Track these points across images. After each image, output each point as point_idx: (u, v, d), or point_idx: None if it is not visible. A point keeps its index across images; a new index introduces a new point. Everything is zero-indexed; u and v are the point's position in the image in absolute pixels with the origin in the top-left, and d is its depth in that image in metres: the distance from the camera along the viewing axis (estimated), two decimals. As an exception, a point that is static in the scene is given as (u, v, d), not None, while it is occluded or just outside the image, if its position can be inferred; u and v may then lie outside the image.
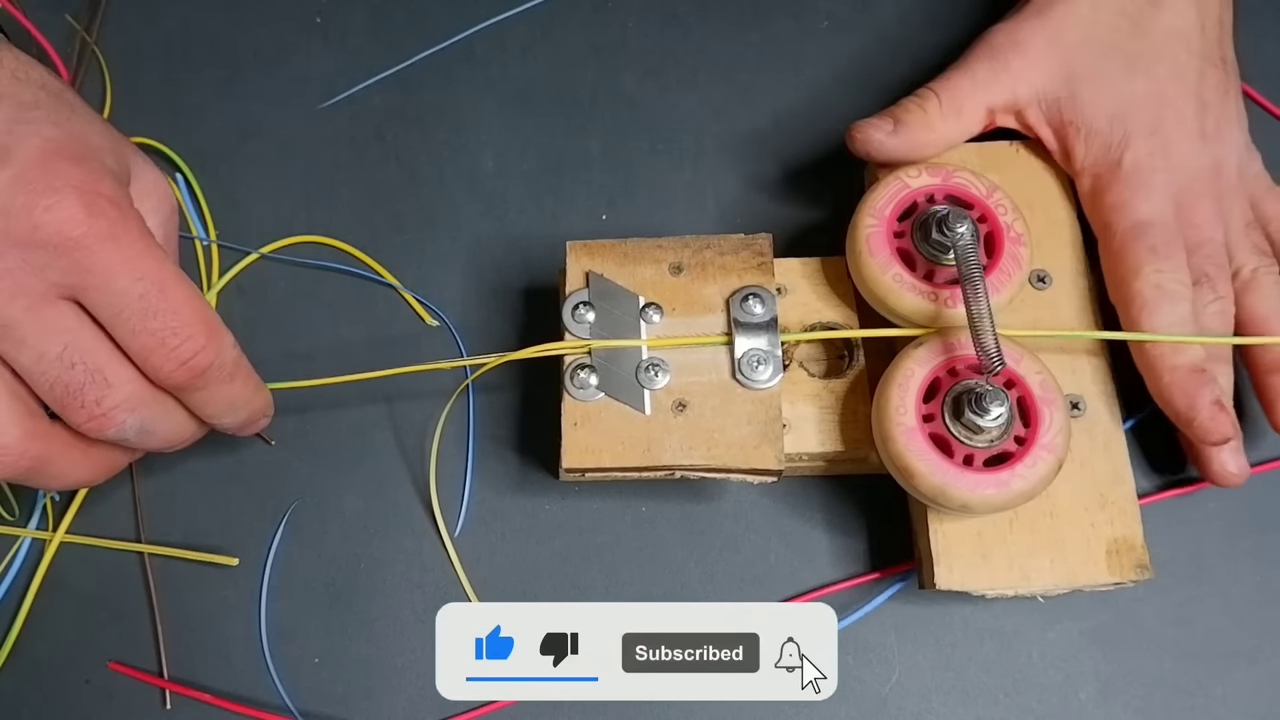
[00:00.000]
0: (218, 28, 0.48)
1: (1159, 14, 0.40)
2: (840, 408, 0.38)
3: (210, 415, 0.35)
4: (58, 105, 0.32)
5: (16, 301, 0.30)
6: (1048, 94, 0.40)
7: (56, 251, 0.29)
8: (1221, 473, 0.38)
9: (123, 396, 0.32)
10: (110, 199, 0.31)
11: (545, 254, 0.44)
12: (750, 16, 0.49)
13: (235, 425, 0.36)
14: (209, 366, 0.32)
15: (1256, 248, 0.41)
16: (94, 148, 0.32)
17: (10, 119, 0.31)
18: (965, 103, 0.40)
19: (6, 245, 0.29)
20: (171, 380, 0.32)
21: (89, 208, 0.30)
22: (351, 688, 0.39)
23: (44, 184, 0.29)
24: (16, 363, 0.30)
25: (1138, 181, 0.39)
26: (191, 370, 0.32)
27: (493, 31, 0.48)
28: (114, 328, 0.31)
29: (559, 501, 0.41)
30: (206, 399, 0.34)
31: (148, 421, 0.33)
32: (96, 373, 0.31)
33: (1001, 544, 0.36)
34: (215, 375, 0.33)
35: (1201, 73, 0.40)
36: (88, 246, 0.30)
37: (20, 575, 0.40)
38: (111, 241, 0.30)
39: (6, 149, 0.30)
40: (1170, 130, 0.39)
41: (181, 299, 0.31)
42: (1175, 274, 0.37)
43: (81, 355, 0.31)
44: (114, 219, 0.30)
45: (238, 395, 0.34)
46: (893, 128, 0.40)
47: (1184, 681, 0.39)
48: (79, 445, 0.33)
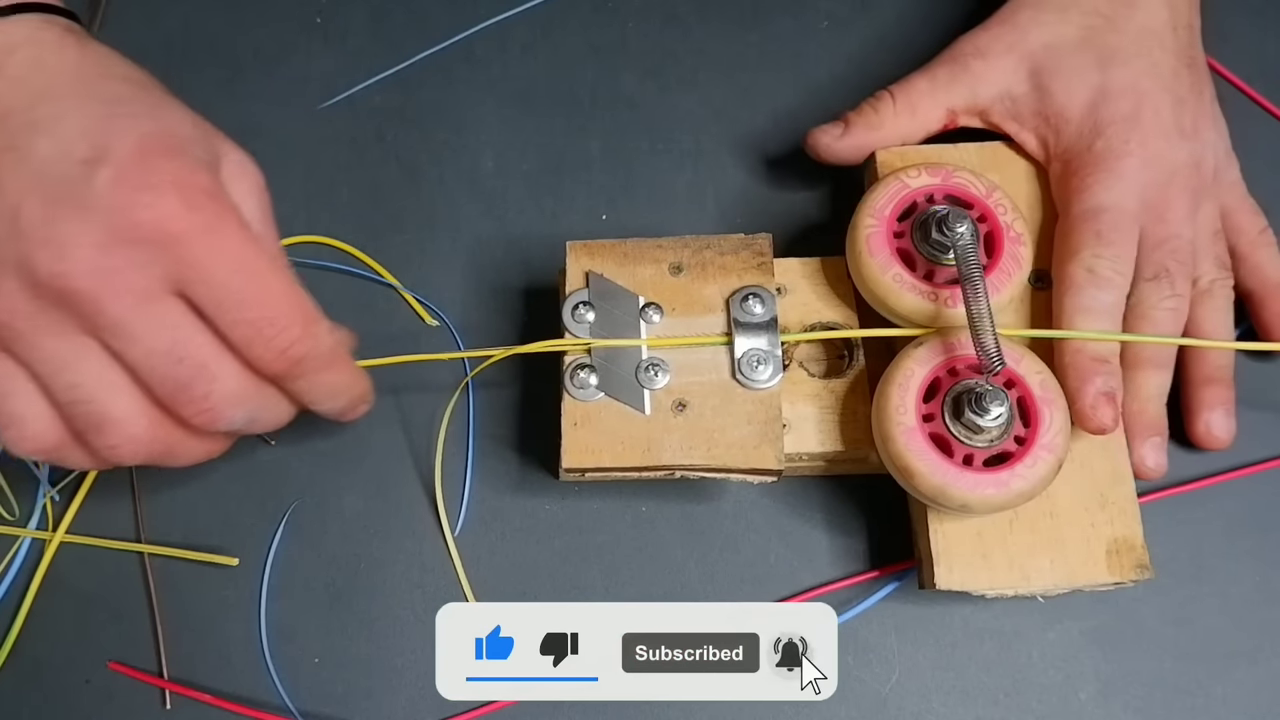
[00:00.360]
0: (218, 28, 0.48)
1: (1133, 14, 0.40)
2: (840, 408, 0.38)
3: (311, 402, 0.35)
4: (146, 98, 0.33)
5: (124, 299, 0.30)
6: (1011, 93, 0.41)
7: (158, 248, 0.30)
8: (1139, 466, 0.38)
9: (228, 390, 0.32)
10: (207, 192, 0.31)
11: (545, 254, 0.44)
12: (750, 16, 0.49)
13: (336, 411, 0.36)
14: (305, 355, 0.33)
15: (1219, 259, 0.41)
16: (185, 139, 0.32)
17: (104, 115, 0.31)
18: (921, 102, 0.41)
19: (112, 243, 0.30)
20: (272, 369, 0.32)
21: (187, 202, 0.30)
22: (351, 688, 0.39)
23: (143, 181, 0.30)
24: (127, 358, 0.31)
25: (1105, 167, 0.38)
26: (289, 359, 0.32)
27: (493, 31, 0.48)
28: (216, 320, 0.31)
29: (559, 501, 0.41)
30: (307, 387, 0.34)
31: (253, 412, 0.33)
32: (203, 368, 0.31)
33: (1001, 544, 0.36)
34: (312, 364, 0.33)
35: (1176, 71, 0.40)
36: (187, 241, 0.30)
37: (20, 575, 0.40)
38: (210, 235, 0.30)
39: (104, 149, 0.30)
40: (1147, 122, 0.39)
41: (278, 289, 0.32)
42: (1114, 262, 0.37)
43: (188, 350, 0.31)
44: (211, 212, 0.31)
45: (337, 382, 0.35)
46: (841, 131, 0.41)
47: (1184, 681, 0.39)
48: (196, 432, 0.33)
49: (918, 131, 0.41)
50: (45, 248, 0.29)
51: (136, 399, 0.32)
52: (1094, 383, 0.36)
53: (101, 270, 0.29)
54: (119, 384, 0.31)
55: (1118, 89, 0.39)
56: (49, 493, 0.41)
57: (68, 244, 0.29)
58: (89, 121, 0.31)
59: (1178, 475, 0.41)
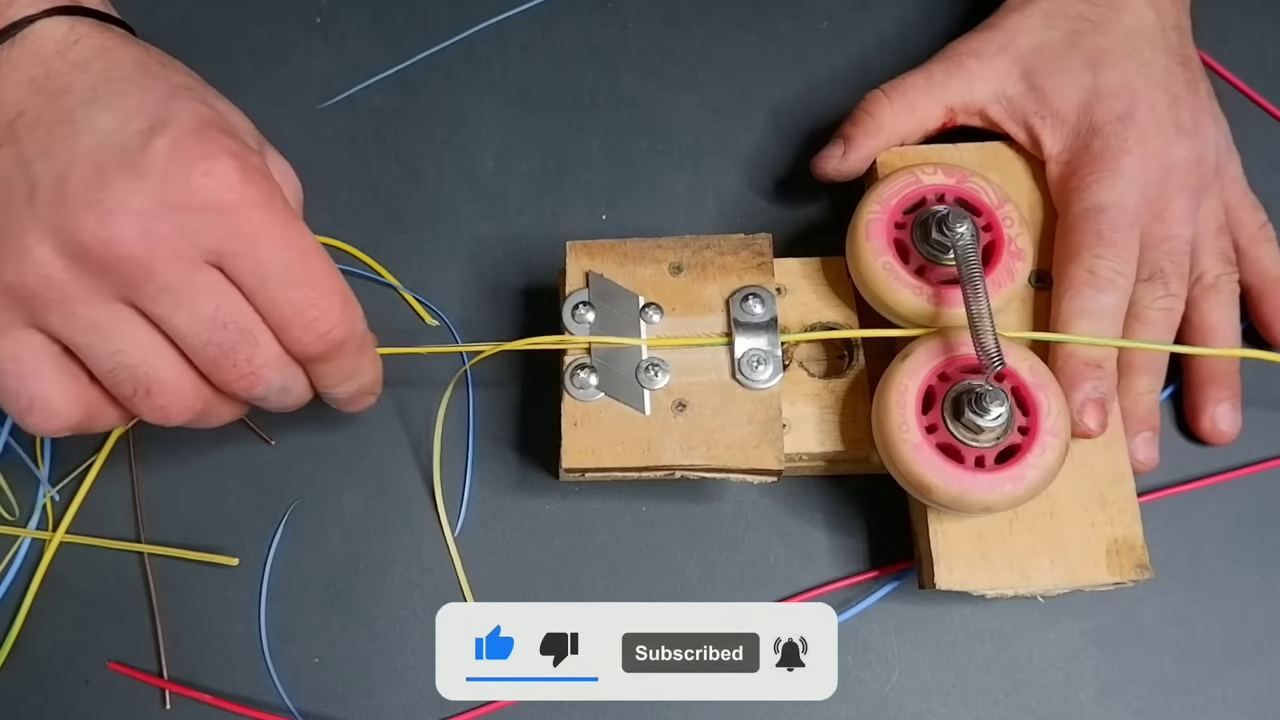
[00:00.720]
0: (217, 27, 0.48)
1: (1119, 16, 0.41)
2: (840, 408, 0.38)
3: (328, 385, 0.35)
4: (204, 89, 0.34)
5: (173, 265, 0.30)
6: (1006, 92, 0.41)
7: (211, 215, 0.30)
8: (1130, 459, 0.38)
9: (271, 355, 0.32)
10: (261, 170, 0.32)
11: (545, 254, 0.44)
12: (750, 16, 0.49)
13: (346, 397, 0.36)
14: (344, 340, 0.33)
15: (1223, 255, 0.41)
16: (239, 128, 0.33)
17: (165, 96, 0.32)
18: (919, 100, 0.41)
19: (163, 209, 0.30)
20: (307, 351, 0.33)
21: (244, 174, 0.31)
22: (351, 688, 0.39)
23: (201, 150, 0.30)
24: (170, 324, 0.31)
25: (1104, 166, 0.38)
26: (328, 343, 0.33)
27: (493, 31, 0.48)
28: (256, 295, 0.31)
29: (559, 501, 0.41)
30: (332, 370, 0.34)
31: (288, 380, 0.34)
32: (247, 332, 0.32)
33: (1001, 544, 0.36)
34: (348, 348, 0.34)
35: (1169, 69, 0.40)
36: (241, 211, 0.31)
37: (20, 575, 0.40)
38: (263, 209, 0.31)
39: (163, 120, 0.31)
40: (1144, 120, 0.39)
41: (321, 271, 0.32)
42: (1115, 262, 0.37)
43: (233, 315, 0.31)
44: (265, 188, 0.31)
45: (358, 367, 0.35)
46: (844, 150, 0.41)
47: (1184, 681, 0.39)
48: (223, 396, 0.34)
49: (916, 130, 0.41)
50: (92, 211, 0.29)
51: (179, 361, 0.32)
52: (1083, 388, 0.36)
53: (152, 236, 0.30)
54: (162, 348, 0.32)
55: (1110, 89, 0.39)
56: (49, 493, 0.41)
57: (116, 209, 0.29)
58: (149, 99, 0.31)
59: (1178, 475, 0.41)
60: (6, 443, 0.41)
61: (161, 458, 0.41)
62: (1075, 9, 0.41)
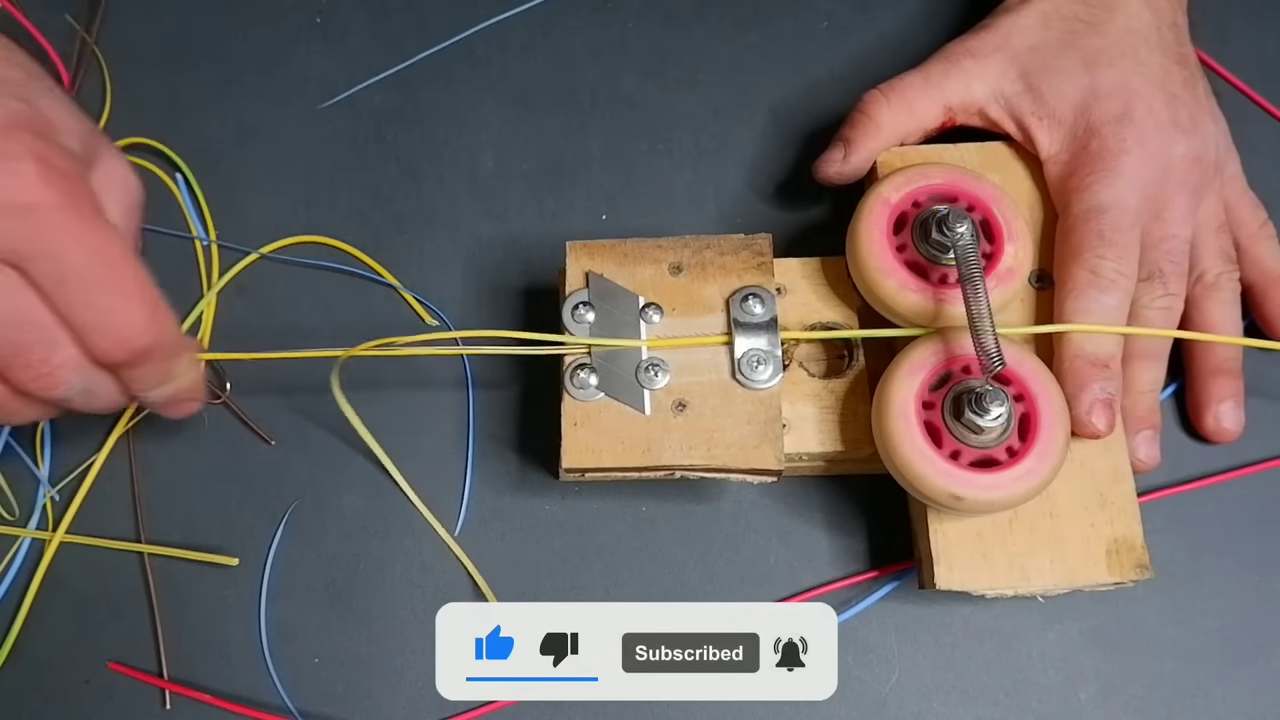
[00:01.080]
0: (217, 28, 0.48)
1: (1114, 16, 0.41)
2: (840, 408, 0.38)
3: (140, 390, 0.35)
4: (31, 84, 0.33)
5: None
6: (1004, 91, 0.41)
7: (9, 216, 0.30)
8: (1131, 458, 0.38)
9: (68, 357, 0.32)
10: (65, 172, 0.31)
11: (545, 254, 0.44)
12: (750, 16, 0.49)
13: (161, 401, 0.35)
14: (150, 347, 0.33)
15: (1224, 253, 0.41)
16: (58, 127, 0.32)
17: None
18: (917, 100, 0.41)
19: None
20: (109, 357, 0.32)
21: (45, 176, 0.30)
22: (351, 688, 0.39)
23: (3, 150, 0.30)
24: None
25: (1104, 166, 0.38)
26: (131, 350, 0.32)
27: (493, 31, 0.48)
28: (55, 298, 0.31)
29: (559, 501, 0.41)
30: (140, 375, 0.34)
31: (90, 383, 0.33)
32: (44, 333, 0.31)
33: (1001, 544, 0.36)
34: (156, 355, 0.33)
35: (1165, 69, 0.40)
36: (40, 214, 0.30)
37: (20, 575, 0.40)
38: (64, 212, 0.30)
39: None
40: (1142, 119, 0.39)
41: (126, 277, 0.32)
42: (1117, 263, 0.37)
43: (28, 315, 0.31)
44: (67, 191, 0.31)
45: (169, 373, 0.34)
46: (844, 153, 0.41)
47: (1184, 681, 0.39)
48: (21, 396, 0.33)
49: (915, 130, 0.41)
50: None
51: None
52: (1091, 389, 0.36)
53: None
54: None
55: (1106, 89, 0.39)
56: (49, 493, 0.41)
57: None
58: None
59: (1178, 474, 0.41)
60: (6, 443, 0.41)
61: (161, 458, 0.41)
62: (1071, 10, 0.41)
